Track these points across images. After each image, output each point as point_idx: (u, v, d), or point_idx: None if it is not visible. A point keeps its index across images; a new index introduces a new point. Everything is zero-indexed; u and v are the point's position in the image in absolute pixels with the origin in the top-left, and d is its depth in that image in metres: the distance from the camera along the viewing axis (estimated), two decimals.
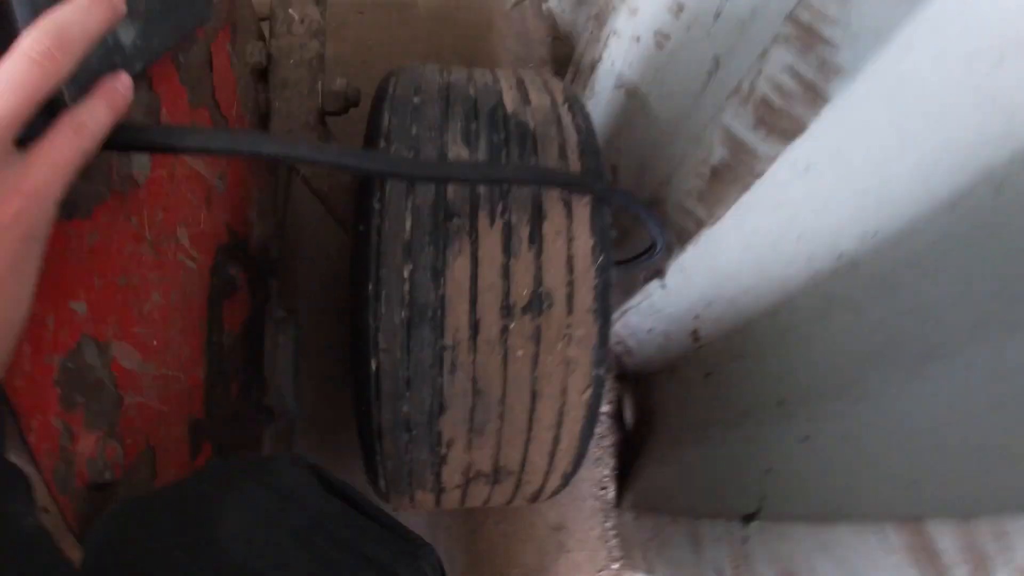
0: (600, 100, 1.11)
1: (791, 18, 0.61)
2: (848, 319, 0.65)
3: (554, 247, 0.65)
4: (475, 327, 0.64)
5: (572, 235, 0.65)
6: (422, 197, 0.64)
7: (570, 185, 0.63)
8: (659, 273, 0.92)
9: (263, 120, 0.86)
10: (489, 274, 0.64)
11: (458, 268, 0.63)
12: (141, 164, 0.56)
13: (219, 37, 0.70)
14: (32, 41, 0.34)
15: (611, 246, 0.67)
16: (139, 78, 0.58)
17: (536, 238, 0.64)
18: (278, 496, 0.46)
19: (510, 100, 0.72)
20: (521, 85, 0.76)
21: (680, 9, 0.85)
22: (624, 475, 1.04)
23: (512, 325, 0.64)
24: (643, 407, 1.04)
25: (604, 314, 0.66)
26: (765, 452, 0.73)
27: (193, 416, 0.70)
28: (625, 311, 1.02)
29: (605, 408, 1.09)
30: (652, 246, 0.84)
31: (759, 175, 0.70)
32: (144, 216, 0.59)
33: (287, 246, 1.11)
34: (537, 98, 0.74)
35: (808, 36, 0.60)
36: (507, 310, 0.64)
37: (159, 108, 0.60)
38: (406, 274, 0.63)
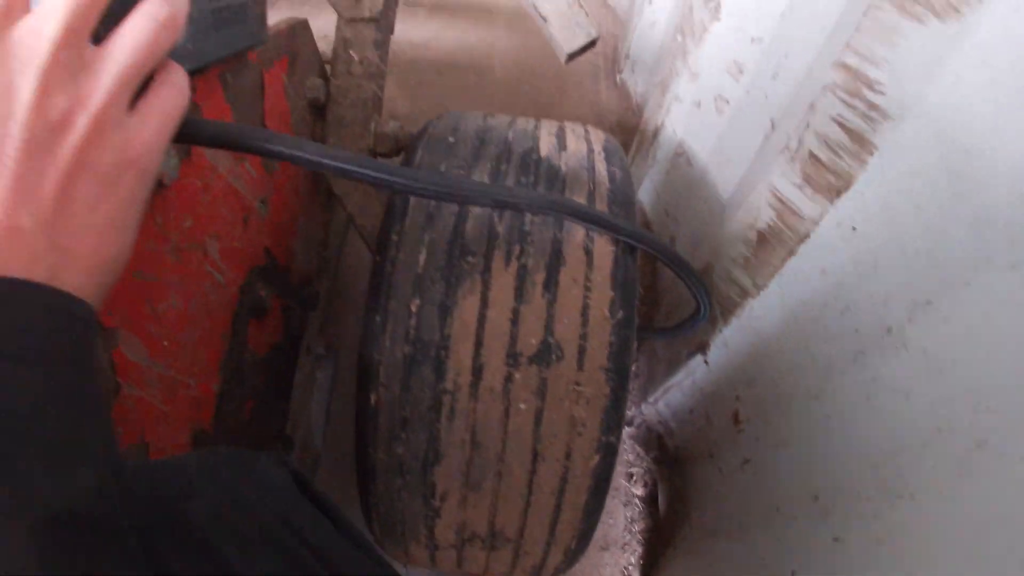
0: (660, 169, 1.09)
1: (839, 63, 0.57)
2: (895, 405, 0.56)
3: (569, 295, 0.61)
4: (478, 372, 0.60)
5: (590, 285, 0.61)
6: (439, 231, 0.63)
7: (588, 219, 0.59)
8: (703, 347, 0.85)
9: None
10: (498, 317, 0.61)
11: (466, 308, 0.61)
12: (168, 166, 0.58)
13: (275, 66, 0.75)
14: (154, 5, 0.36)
15: (633, 303, 0.63)
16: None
17: (551, 284, 0.61)
18: (256, 488, 0.45)
19: (545, 146, 0.71)
20: (561, 133, 0.75)
21: (740, 71, 0.83)
22: (651, 564, 0.94)
23: (517, 375, 0.60)
24: (679, 494, 0.94)
25: (619, 376, 0.61)
26: (792, 552, 0.63)
27: (199, 426, 0.69)
28: (668, 388, 0.95)
29: (639, 491, 1.00)
30: (696, 312, 0.79)
31: (804, 238, 0.64)
32: (170, 219, 0.61)
33: (336, 286, 1.13)
34: (574, 145, 0.72)
35: (855, 81, 0.55)
36: (513, 358, 0.60)
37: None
38: (413, 308, 0.61)
